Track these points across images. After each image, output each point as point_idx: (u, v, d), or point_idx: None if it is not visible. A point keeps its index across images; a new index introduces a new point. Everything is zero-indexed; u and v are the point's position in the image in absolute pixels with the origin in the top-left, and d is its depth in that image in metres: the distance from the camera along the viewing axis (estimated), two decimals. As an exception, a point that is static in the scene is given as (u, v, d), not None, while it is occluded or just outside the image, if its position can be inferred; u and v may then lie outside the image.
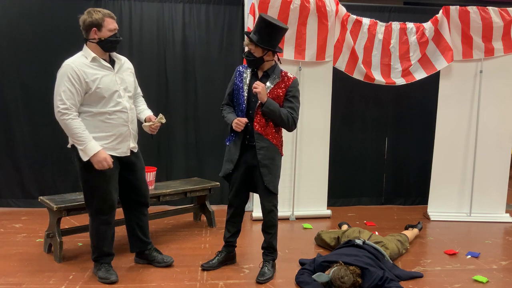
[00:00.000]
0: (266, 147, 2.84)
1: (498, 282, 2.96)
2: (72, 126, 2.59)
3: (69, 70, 2.60)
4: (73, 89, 2.59)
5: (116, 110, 2.72)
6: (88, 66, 2.66)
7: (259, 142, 2.83)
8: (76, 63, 2.63)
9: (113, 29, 2.72)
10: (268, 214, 2.99)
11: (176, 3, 4.58)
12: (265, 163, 2.84)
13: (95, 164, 2.61)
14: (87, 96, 2.65)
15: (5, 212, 4.44)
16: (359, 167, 4.99)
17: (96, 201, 2.75)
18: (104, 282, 2.79)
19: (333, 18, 4.23)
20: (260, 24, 2.75)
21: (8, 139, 4.53)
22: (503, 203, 4.57)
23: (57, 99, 2.60)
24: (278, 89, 2.84)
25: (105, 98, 2.68)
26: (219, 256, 3.12)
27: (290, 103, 2.85)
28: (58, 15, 4.46)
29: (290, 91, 2.85)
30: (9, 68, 4.46)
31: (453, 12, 4.27)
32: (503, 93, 4.44)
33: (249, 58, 2.81)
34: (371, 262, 2.81)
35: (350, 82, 4.54)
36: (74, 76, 2.59)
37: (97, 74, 2.67)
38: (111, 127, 2.72)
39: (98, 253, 2.86)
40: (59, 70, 2.64)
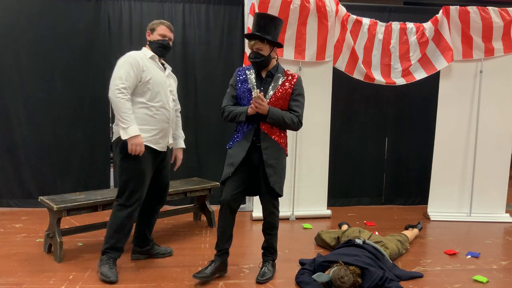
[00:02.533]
0: (272, 147, 2.78)
1: (498, 282, 2.96)
2: (124, 105, 2.77)
3: (131, 57, 2.86)
4: (132, 73, 2.82)
5: (161, 106, 2.94)
6: (147, 60, 2.93)
7: (264, 142, 2.77)
8: (138, 54, 2.92)
9: (163, 35, 2.98)
10: (270, 216, 2.92)
11: (176, 3, 4.58)
12: (270, 163, 2.77)
13: (130, 145, 2.77)
14: (140, 85, 2.87)
15: (5, 212, 4.44)
16: (359, 167, 4.99)
17: (128, 193, 2.87)
18: (103, 279, 2.80)
19: (333, 18, 4.23)
20: (260, 20, 2.71)
21: (8, 139, 4.53)
22: (503, 203, 4.57)
23: (116, 79, 2.81)
24: (284, 87, 2.80)
25: (155, 91, 2.91)
26: (212, 266, 2.86)
27: (297, 102, 2.82)
28: (58, 15, 4.47)
29: (296, 90, 2.81)
30: (9, 68, 4.46)
31: (453, 12, 4.27)
32: (503, 93, 4.44)
33: (258, 59, 2.73)
34: (371, 262, 2.81)
35: (350, 82, 4.55)
36: (135, 63, 2.84)
37: (152, 68, 2.93)
38: (156, 122, 2.92)
39: (110, 245, 2.88)
40: (121, 58, 2.88)
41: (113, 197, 3.36)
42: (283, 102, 2.80)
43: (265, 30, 2.69)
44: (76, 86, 4.56)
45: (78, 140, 4.61)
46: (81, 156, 4.63)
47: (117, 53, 4.57)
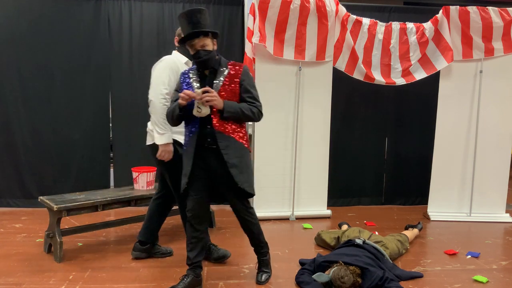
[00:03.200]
0: (231, 145, 2.57)
1: (498, 282, 2.96)
2: (165, 112, 2.81)
3: (171, 62, 2.94)
4: (172, 78, 2.90)
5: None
6: (182, 64, 3.02)
7: (221, 141, 2.55)
8: (175, 59, 3.00)
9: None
10: (245, 221, 2.76)
11: (176, 3, 4.58)
12: (233, 163, 2.56)
13: (160, 151, 2.89)
14: None
15: (5, 212, 4.44)
16: (359, 167, 4.99)
17: None
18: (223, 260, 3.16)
19: (333, 18, 4.23)
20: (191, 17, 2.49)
21: (8, 139, 4.53)
22: (503, 203, 4.57)
23: (160, 84, 2.87)
24: (230, 81, 2.58)
25: None
26: (184, 281, 2.67)
27: (248, 93, 2.59)
28: (58, 15, 4.47)
29: (243, 80, 2.58)
30: (9, 68, 4.46)
31: (453, 12, 4.27)
32: (503, 93, 4.44)
33: (206, 56, 2.52)
34: (371, 262, 2.81)
35: (350, 82, 4.55)
36: (174, 68, 2.92)
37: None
38: None
39: None
40: (159, 64, 2.96)
41: (113, 197, 3.37)
42: (233, 95, 2.58)
43: (202, 24, 2.50)
44: (76, 86, 4.56)
45: (78, 140, 4.61)
46: (81, 156, 4.63)
47: (117, 53, 4.59)
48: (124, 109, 4.64)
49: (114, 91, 4.62)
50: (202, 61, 2.54)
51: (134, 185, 3.73)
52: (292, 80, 4.30)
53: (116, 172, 4.69)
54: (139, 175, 3.68)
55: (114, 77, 4.61)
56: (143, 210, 4.47)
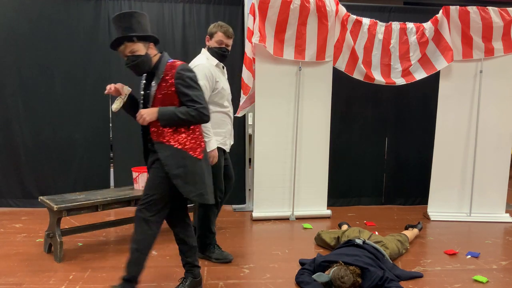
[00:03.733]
0: (171, 154, 2.40)
1: (498, 282, 2.96)
2: None
3: (205, 69, 2.96)
4: (208, 86, 2.95)
5: (227, 111, 3.14)
6: (215, 68, 3.04)
7: (161, 151, 2.41)
8: (208, 64, 3.01)
9: (220, 42, 3.06)
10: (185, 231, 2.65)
11: (176, 3, 4.58)
12: (176, 174, 2.39)
13: (210, 157, 2.93)
14: (213, 94, 3.02)
15: (5, 212, 4.44)
16: (359, 167, 4.99)
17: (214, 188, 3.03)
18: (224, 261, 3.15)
19: (333, 18, 4.23)
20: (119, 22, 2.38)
21: (8, 139, 4.53)
22: (503, 203, 4.57)
23: None
24: (165, 84, 2.40)
25: (224, 97, 3.09)
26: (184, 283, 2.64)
27: (186, 96, 2.39)
28: (58, 15, 4.47)
29: (177, 83, 2.38)
30: (9, 68, 4.46)
31: (453, 12, 4.27)
32: (503, 93, 4.44)
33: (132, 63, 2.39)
34: (371, 262, 2.81)
35: (350, 82, 4.54)
36: (209, 75, 2.96)
37: (220, 77, 3.08)
38: (225, 125, 3.14)
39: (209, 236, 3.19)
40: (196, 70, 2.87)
41: (113, 197, 3.37)
42: (171, 98, 2.41)
43: (130, 29, 2.36)
44: (76, 86, 4.56)
45: (78, 140, 4.61)
46: (81, 156, 4.63)
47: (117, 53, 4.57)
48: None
49: (114, 91, 4.61)
50: (131, 66, 2.41)
51: (134, 185, 3.73)
52: (292, 80, 4.30)
53: (116, 172, 4.69)
54: (139, 175, 3.68)
55: (114, 77, 4.60)
56: (143, 210, 4.47)
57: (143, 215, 2.43)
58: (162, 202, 2.45)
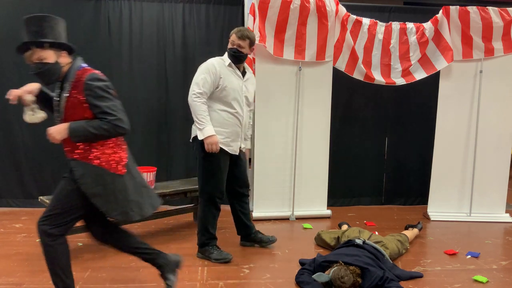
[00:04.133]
0: (86, 173, 2.23)
1: (498, 282, 2.96)
2: (200, 108, 3.03)
3: (210, 64, 3.12)
4: (209, 79, 3.06)
5: (234, 112, 3.17)
6: (225, 67, 3.16)
7: (76, 169, 2.25)
8: (217, 61, 3.16)
9: (232, 43, 3.17)
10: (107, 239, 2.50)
11: (176, 3, 4.58)
12: (93, 192, 2.23)
13: (206, 144, 3.03)
14: (217, 92, 3.11)
15: (5, 212, 4.44)
16: (359, 167, 4.99)
17: (211, 188, 3.16)
18: (222, 261, 3.17)
19: (333, 18, 4.23)
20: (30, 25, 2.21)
21: (8, 139, 4.53)
22: (503, 203, 4.57)
23: (194, 85, 3.07)
24: (75, 94, 2.20)
25: (230, 97, 3.13)
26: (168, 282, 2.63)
27: (97, 108, 2.19)
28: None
29: (87, 95, 2.18)
30: (9, 68, 4.46)
31: (453, 12, 4.27)
32: (503, 93, 4.44)
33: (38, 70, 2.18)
34: (371, 262, 2.81)
35: (350, 82, 4.54)
36: (212, 70, 3.08)
37: (229, 76, 3.16)
38: (229, 126, 3.16)
39: (208, 237, 3.23)
40: (202, 64, 3.15)
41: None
42: (82, 111, 2.21)
43: (40, 33, 2.18)
44: (76, 86, 4.56)
45: (78, 140, 4.60)
46: (81, 156, 4.62)
47: (117, 53, 4.59)
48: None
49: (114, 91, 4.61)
50: (37, 74, 2.20)
51: (134, 185, 3.72)
52: (292, 80, 4.30)
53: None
54: (139, 175, 3.67)
55: (114, 77, 4.59)
56: (143, 210, 4.47)
57: (44, 228, 2.26)
58: (65, 217, 2.26)
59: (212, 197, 3.18)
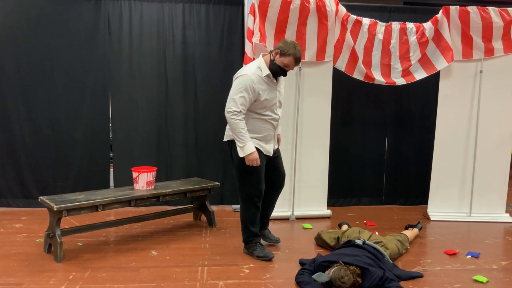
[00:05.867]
0: None
1: (498, 282, 2.96)
2: (238, 126, 3.06)
3: (249, 81, 3.06)
4: (247, 98, 3.06)
5: (271, 118, 3.24)
6: (262, 79, 3.12)
7: None
8: (255, 76, 3.10)
9: (287, 66, 3.12)
10: None
11: (176, 3, 4.58)
12: None
13: (247, 161, 3.09)
14: (255, 104, 3.13)
15: (5, 212, 4.44)
16: (359, 167, 4.99)
17: (249, 188, 3.23)
18: (264, 259, 3.25)
19: (333, 18, 4.23)
20: None
21: (8, 139, 4.53)
22: (503, 203, 4.57)
23: (231, 101, 3.07)
24: None
25: (267, 107, 3.19)
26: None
27: None
28: (58, 15, 4.47)
29: None
30: (9, 68, 4.46)
31: (453, 12, 4.27)
32: (503, 93, 4.44)
33: None
34: (371, 262, 2.81)
35: (350, 82, 4.54)
36: (251, 87, 3.06)
37: (267, 88, 3.15)
38: (263, 131, 3.23)
39: (249, 234, 3.32)
40: (239, 78, 3.10)
41: (113, 197, 3.37)
42: None
43: None
44: (76, 86, 4.56)
45: (78, 140, 4.60)
46: (81, 156, 4.63)
47: (117, 53, 4.60)
48: (124, 109, 4.64)
49: (114, 91, 4.62)
50: None
51: (134, 185, 3.73)
52: (292, 80, 4.30)
53: (116, 172, 4.69)
54: (139, 175, 3.68)
55: (114, 77, 4.61)
56: (143, 210, 4.47)
57: None
58: None
59: (250, 197, 3.24)
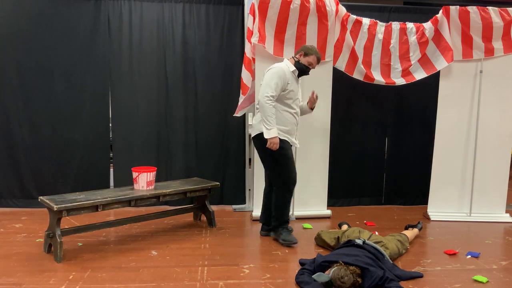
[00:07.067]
0: None
1: (498, 282, 2.96)
2: (271, 110, 3.41)
3: (281, 70, 3.48)
4: (279, 84, 3.44)
5: (295, 112, 3.62)
6: (290, 73, 3.55)
7: None
8: (285, 67, 3.54)
9: (311, 64, 3.60)
10: None
11: (176, 3, 4.58)
12: None
13: (269, 143, 3.42)
14: (283, 94, 3.49)
15: (5, 212, 4.44)
16: (359, 167, 4.99)
17: (284, 176, 3.55)
18: (288, 244, 3.54)
19: (333, 18, 4.23)
20: None
21: (8, 139, 4.53)
22: (503, 203, 4.57)
23: (267, 87, 3.43)
24: None
25: (292, 100, 3.57)
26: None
27: None
28: (58, 15, 4.47)
29: None
30: (9, 68, 4.46)
31: (453, 12, 4.27)
32: (503, 93, 4.44)
33: None
34: (371, 262, 2.81)
35: (350, 82, 4.54)
36: (283, 76, 3.47)
37: (293, 81, 3.57)
38: (288, 124, 3.58)
39: (281, 220, 3.61)
40: (272, 69, 3.51)
41: (113, 197, 3.37)
42: None
43: None
44: (76, 86, 4.56)
45: (78, 140, 4.61)
46: (81, 156, 4.63)
47: (117, 53, 4.60)
48: (124, 109, 4.64)
49: (114, 91, 4.62)
50: None
51: (134, 185, 3.73)
52: (292, 80, 4.29)
53: (116, 172, 4.69)
54: (139, 175, 3.68)
55: (114, 77, 4.61)
56: (143, 210, 4.47)
57: None
58: None
59: (285, 184, 3.56)
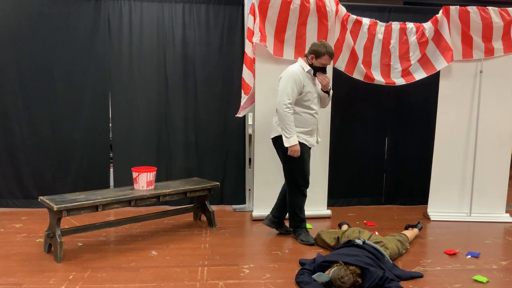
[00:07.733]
0: None
1: (498, 282, 2.96)
2: (289, 118, 3.43)
3: (295, 75, 3.47)
4: (295, 89, 3.44)
5: (314, 112, 3.61)
6: (304, 74, 3.53)
7: None
8: (298, 69, 3.53)
9: (324, 64, 3.55)
10: None
11: (176, 3, 4.58)
12: None
13: (290, 151, 3.46)
14: (300, 97, 3.50)
15: (5, 212, 4.44)
16: (359, 167, 4.99)
17: (299, 178, 3.61)
18: (305, 243, 3.60)
19: (333, 18, 4.23)
20: None
21: (8, 139, 4.53)
22: (503, 203, 4.57)
23: (284, 95, 3.43)
24: None
25: (310, 101, 3.56)
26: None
27: None
28: (58, 15, 4.47)
29: None
30: (9, 68, 4.46)
31: (453, 12, 4.27)
32: (503, 93, 4.44)
33: None
34: (371, 262, 2.81)
35: (350, 82, 4.54)
36: (298, 79, 3.46)
37: (308, 82, 3.55)
38: (309, 124, 3.59)
39: (298, 220, 3.70)
40: (285, 74, 3.50)
41: (113, 197, 3.37)
42: None
43: None
44: (76, 86, 4.56)
45: (78, 140, 4.61)
46: (81, 156, 4.63)
47: (117, 53, 4.59)
48: (124, 109, 4.64)
49: (114, 91, 4.62)
50: None
51: (134, 185, 3.73)
52: (292, 80, 4.29)
53: (116, 172, 4.69)
54: (139, 175, 3.68)
55: (114, 77, 4.61)
56: (143, 210, 4.47)
57: None
58: None
59: (298, 185, 3.62)
